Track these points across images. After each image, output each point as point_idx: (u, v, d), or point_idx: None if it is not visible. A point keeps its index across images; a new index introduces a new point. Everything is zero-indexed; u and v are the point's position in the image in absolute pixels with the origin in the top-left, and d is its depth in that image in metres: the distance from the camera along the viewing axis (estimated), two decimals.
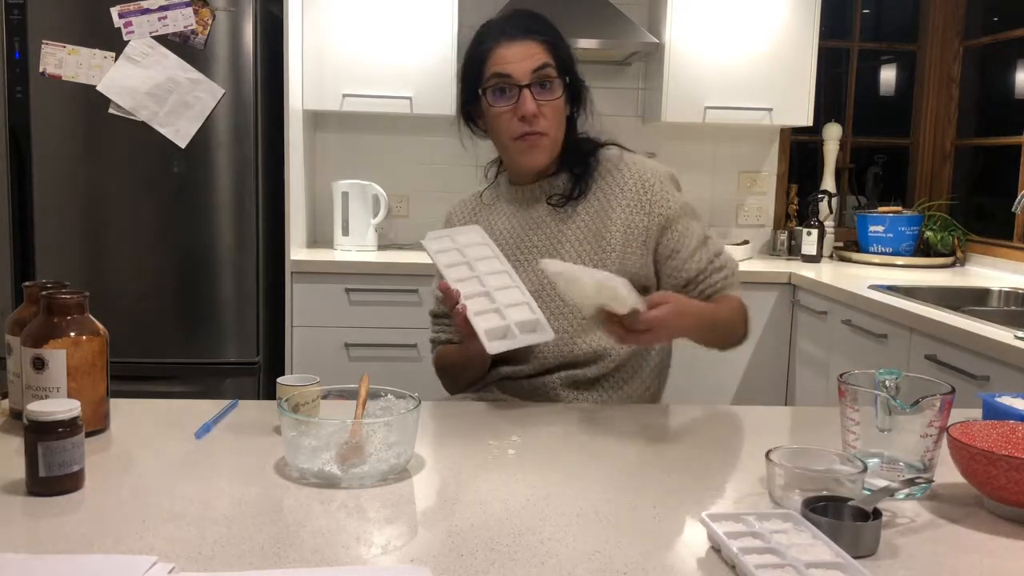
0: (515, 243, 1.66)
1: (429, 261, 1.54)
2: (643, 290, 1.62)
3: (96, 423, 1.23)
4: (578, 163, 1.65)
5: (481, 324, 1.42)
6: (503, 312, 1.45)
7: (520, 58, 1.55)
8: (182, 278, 2.99)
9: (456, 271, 1.49)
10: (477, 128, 1.67)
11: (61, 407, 1.03)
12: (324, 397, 1.27)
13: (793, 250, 3.73)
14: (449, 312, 1.47)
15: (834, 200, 3.75)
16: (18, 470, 1.06)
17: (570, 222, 1.64)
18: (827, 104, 3.98)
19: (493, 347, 1.41)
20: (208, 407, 1.38)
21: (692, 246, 1.62)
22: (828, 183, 3.80)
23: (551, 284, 1.58)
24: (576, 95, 1.63)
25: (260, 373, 3.07)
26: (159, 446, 1.22)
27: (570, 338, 1.59)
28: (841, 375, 1.15)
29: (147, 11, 2.85)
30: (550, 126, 1.58)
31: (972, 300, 2.84)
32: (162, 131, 2.89)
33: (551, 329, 1.48)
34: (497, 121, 1.59)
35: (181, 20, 2.87)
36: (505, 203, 1.72)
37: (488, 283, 1.48)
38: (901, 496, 1.08)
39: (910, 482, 1.07)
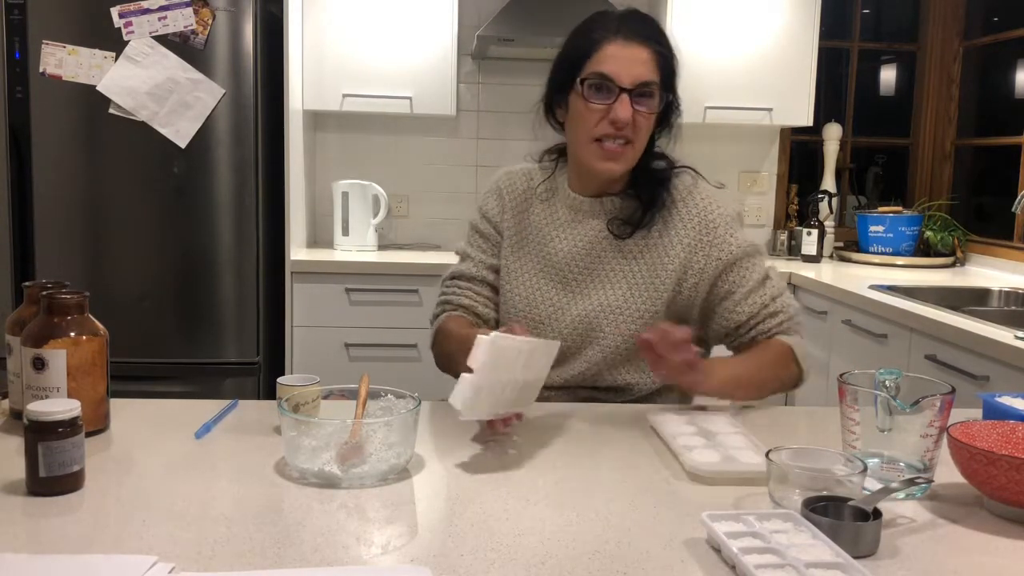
0: (569, 265, 1.58)
1: (429, 261, 1.52)
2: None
3: (96, 423, 1.23)
4: (647, 188, 1.57)
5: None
6: None
7: (629, 63, 1.47)
8: (182, 278, 2.99)
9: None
10: (554, 120, 1.59)
11: (61, 407, 1.03)
12: (325, 397, 1.26)
13: (793, 250, 3.73)
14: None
15: (834, 200, 3.75)
16: (18, 470, 1.06)
17: (627, 251, 1.56)
18: (827, 104, 3.98)
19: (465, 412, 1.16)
20: (208, 407, 1.37)
21: (747, 288, 1.54)
22: (828, 183, 3.80)
23: (594, 313, 1.54)
24: (667, 114, 1.56)
25: (260, 373, 3.06)
26: (159, 446, 1.22)
27: (599, 370, 1.56)
28: (841, 375, 1.15)
29: (147, 11, 2.85)
30: (636, 136, 1.50)
31: (972, 300, 2.84)
32: (162, 131, 2.89)
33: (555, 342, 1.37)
34: (584, 116, 1.50)
35: (181, 20, 2.87)
36: (561, 206, 1.63)
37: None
38: (901, 496, 1.08)
39: (910, 482, 1.07)
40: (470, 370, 1.15)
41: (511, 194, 1.67)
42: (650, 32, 1.51)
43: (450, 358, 1.57)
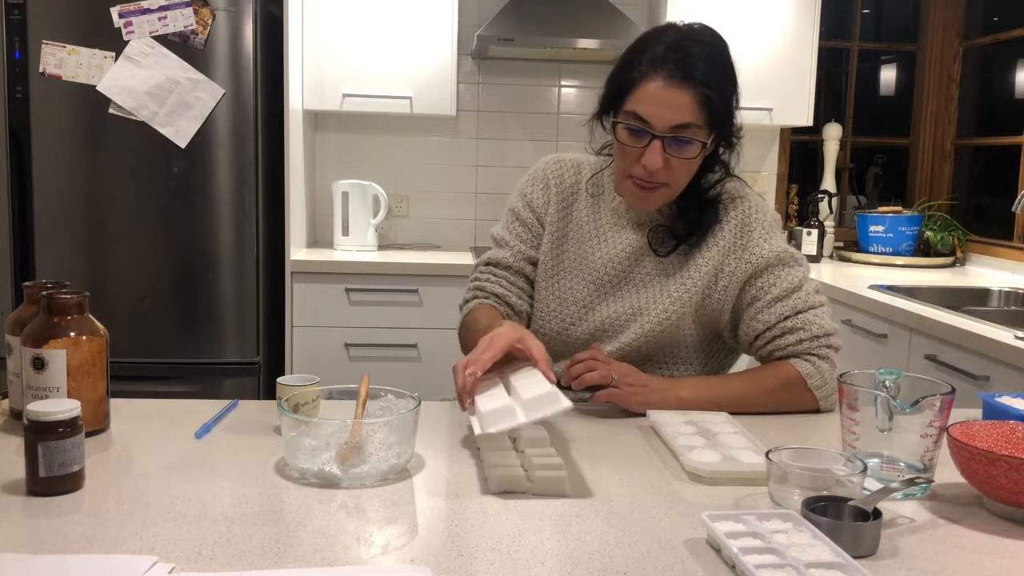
0: (606, 267, 1.56)
1: (429, 261, 1.52)
2: (715, 337, 1.58)
3: (96, 423, 1.23)
4: (695, 208, 1.52)
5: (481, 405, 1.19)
6: (514, 390, 1.22)
7: (665, 107, 1.39)
8: (182, 278, 2.99)
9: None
10: (605, 129, 1.52)
11: (61, 407, 1.03)
12: (326, 397, 1.26)
13: None
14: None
15: (834, 200, 3.76)
16: (18, 470, 1.06)
17: (665, 260, 1.54)
18: (827, 104, 3.98)
19: (488, 429, 1.14)
20: (208, 407, 1.37)
21: (772, 296, 1.49)
22: (828, 183, 3.80)
23: (624, 315, 1.53)
24: (726, 141, 1.48)
25: (260, 373, 3.07)
26: (159, 446, 1.22)
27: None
28: (841, 375, 1.16)
29: (147, 11, 2.85)
30: (672, 179, 1.45)
31: (972, 300, 2.84)
32: (162, 131, 2.89)
33: (566, 400, 1.17)
34: (619, 153, 1.47)
35: (181, 20, 2.87)
36: (606, 209, 1.59)
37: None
38: (901, 496, 1.08)
39: (910, 482, 1.07)
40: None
41: (559, 186, 1.62)
42: (692, 67, 1.39)
43: (471, 344, 1.46)
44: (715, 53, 1.44)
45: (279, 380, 1.28)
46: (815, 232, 3.60)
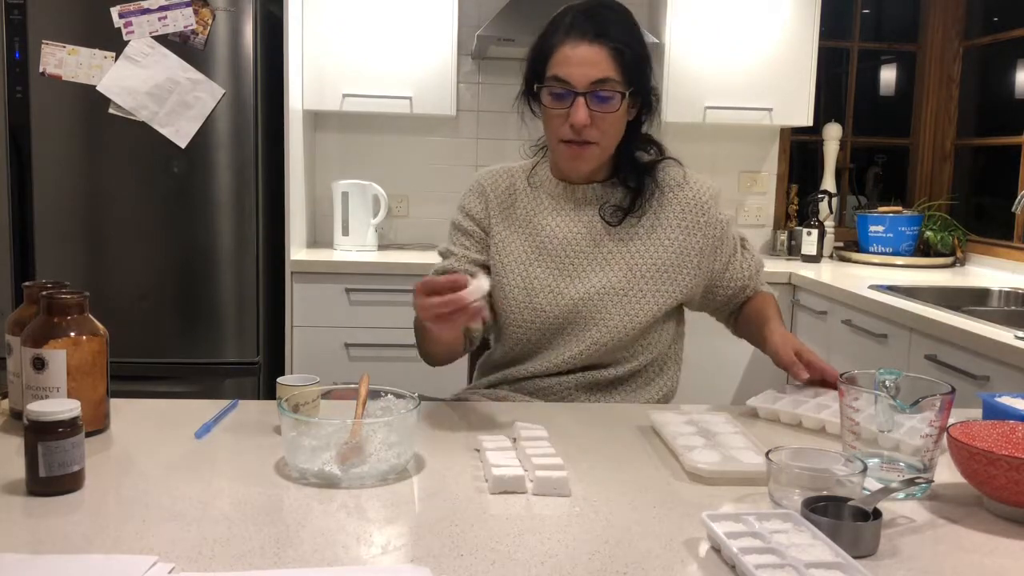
0: (564, 250, 1.60)
1: (429, 261, 1.53)
2: (676, 309, 1.68)
3: (96, 423, 1.23)
4: (634, 177, 1.61)
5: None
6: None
7: (582, 64, 1.48)
8: (182, 278, 2.99)
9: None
10: (535, 112, 1.62)
11: (61, 407, 1.03)
12: (325, 396, 1.26)
13: (793, 250, 3.73)
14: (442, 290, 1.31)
15: (834, 200, 3.75)
16: (18, 470, 1.06)
17: (624, 237, 1.60)
18: (827, 104, 3.98)
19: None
20: (208, 407, 1.37)
21: (734, 254, 1.68)
22: (828, 183, 3.80)
23: (597, 295, 1.57)
24: (644, 102, 1.58)
25: (260, 373, 3.07)
26: (159, 446, 1.22)
27: (603, 352, 1.57)
28: (841, 375, 1.16)
29: (147, 11, 2.85)
30: (601, 136, 1.52)
31: (972, 300, 2.84)
32: (162, 131, 2.89)
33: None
34: (548, 119, 1.56)
35: (181, 20, 2.87)
36: (547, 197, 1.65)
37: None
38: (901, 496, 1.08)
39: (910, 482, 1.07)
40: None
41: (495, 190, 1.68)
42: (603, 27, 1.49)
43: (426, 347, 1.63)
44: (622, 17, 1.54)
45: (279, 380, 1.28)
46: (815, 232, 3.60)
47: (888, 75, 4.23)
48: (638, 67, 1.52)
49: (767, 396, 1.47)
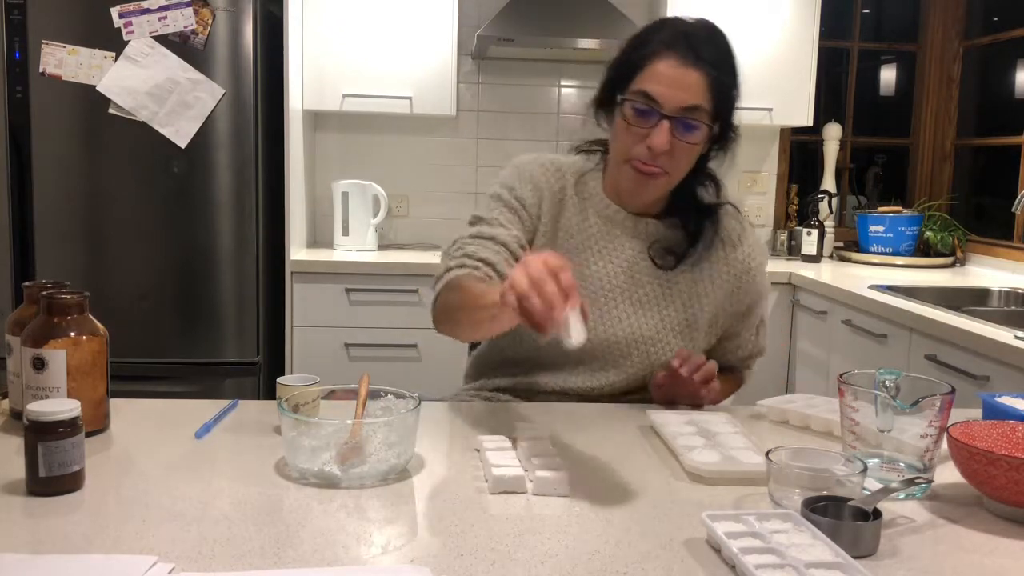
0: (600, 282, 1.49)
1: (429, 261, 1.50)
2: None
3: (96, 423, 1.23)
4: (693, 219, 1.50)
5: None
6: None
7: (675, 86, 1.36)
8: (182, 278, 2.99)
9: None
10: (603, 120, 1.49)
11: (61, 407, 1.03)
12: (326, 397, 1.26)
13: (793, 250, 3.73)
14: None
15: (834, 200, 3.76)
16: (18, 470, 1.06)
17: (665, 283, 1.50)
18: (827, 104, 3.98)
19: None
20: (208, 407, 1.37)
21: (750, 332, 1.60)
22: (828, 183, 3.80)
23: (624, 340, 1.48)
24: (720, 137, 1.46)
25: (260, 373, 3.07)
26: (159, 446, 1.22)
27: (616, 390, 1.52)
28: (841, 375, 1.15)
29: (147, 11, 2.85)
30: (674, 166, 1.42)
31: (972, 300, 2.84)
32: (162, 131, 2.89)
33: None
34: (622, 135, 1.42)
35: (181, 20, 2.87)
36: (595, 216, 1.51)
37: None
38: (901, 496, 1.08)
39: (910, 482, 1.07)
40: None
41: (549, 189, 1.52)
42: (709, 53, 1.38)
43: (457, 309, 1.34)
44: (724, 43, 1.43)
45: (279, 380, 1.28)
46: (815, 232, 3.60)
47: (888, 75, 4.23)
48: (730, 101, 1.42)
49: (777, 399, 1.47)
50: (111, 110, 2.87)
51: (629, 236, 1.51)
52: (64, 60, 2.85)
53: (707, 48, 1.39)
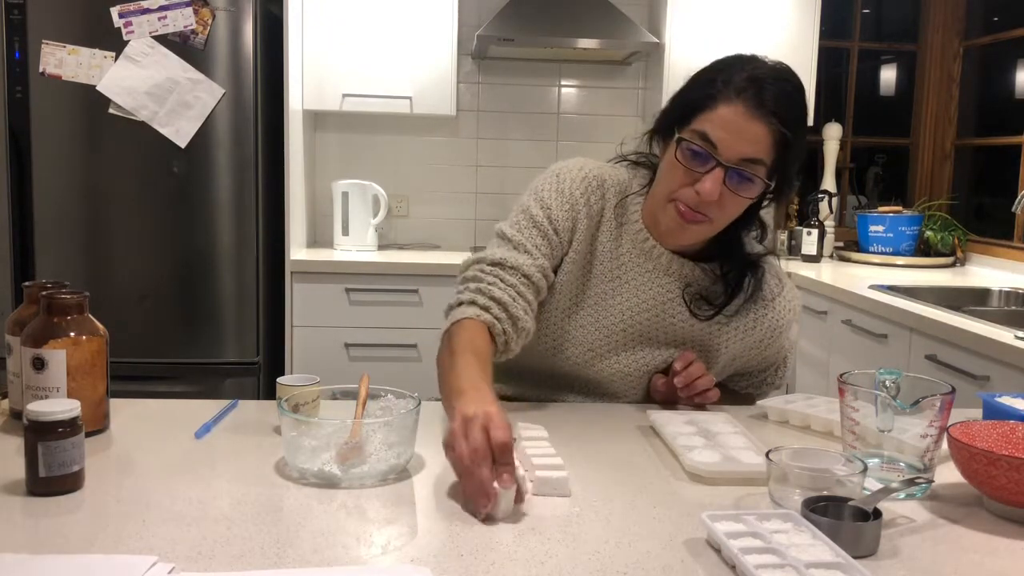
0: (624, 319, 1.43)
1: (429, 261, 1.49)
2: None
3: (96, 423, 1.23)
4: (733, 268, 1.43)
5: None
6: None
7: (738, 135, 1.27)
8: (182, 278, 2.99)
9: None
10: (657, 146, 1.42)
11: (61, 407, 1.03)
12: (330, 397, 1.26)
13: (793, 250, 3.73)
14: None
15: (834, 200, 3.75)
16: (18, 470, 1.06)
17: (691, 326, 1.45)
18: (827, 104, 3.98)
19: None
20: (208, 407, 1.37)
21: (765, 374, 1.56)
22: (828, 183, 3.80)
23: (636, 371, 1.46)
24: (776, 190, 1.36)
25: (260, 373, 3.07)
26: (159, 446, 1.22)
27: (607, 400, 1.51)
28: (841, 375, 1.15)
29: (147, 11, 2.85)
30: (720, 215, 1.34)
31: (972, 300, 2.84)
32: (162, 131, 2.89)
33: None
34: (673, 171, 1.33)
35: (181, 20, 2.87)
36: (630, 245, 1.43)
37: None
38: (901, 496, 1.08)
39: (910, 482, 1.07)
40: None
41: (588, 210, 1.43)
42: (778, 105, 1.28)
43: (441, 367, 1.30)
44: (799, 97, 1.33)
45: (279, 380, 1.28)
46: (815, 232, 3.60)
47: (888, 75, 4.23)
48: (793, 158, 1.33)
49: (777, 399, 1.47)
50: (111, 110, 2.87)
51: (662, 273, 1.43)
52: (64, 60, 2.85)
53: (780, 101, 1.29)
